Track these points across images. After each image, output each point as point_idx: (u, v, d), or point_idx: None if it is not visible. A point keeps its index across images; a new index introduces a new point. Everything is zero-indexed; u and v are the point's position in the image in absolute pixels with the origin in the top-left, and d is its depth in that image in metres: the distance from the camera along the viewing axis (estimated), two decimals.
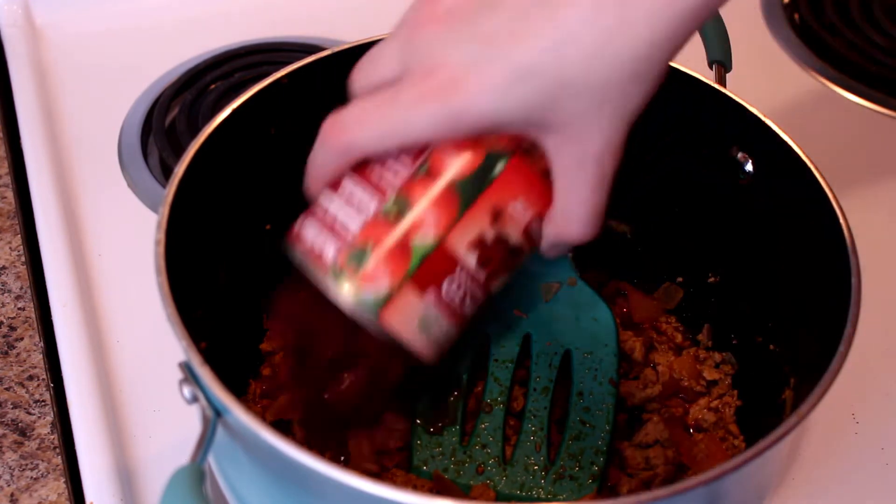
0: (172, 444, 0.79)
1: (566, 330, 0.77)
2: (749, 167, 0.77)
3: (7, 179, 1.00)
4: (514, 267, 0.62)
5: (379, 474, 0.73)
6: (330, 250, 0.58)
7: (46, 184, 0.97)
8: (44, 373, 0.83)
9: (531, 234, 0.61)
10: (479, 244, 0.58)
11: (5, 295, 0.89)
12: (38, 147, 1.01)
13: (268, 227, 0.82)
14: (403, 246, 0.57)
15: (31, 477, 0.77)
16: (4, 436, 0.79)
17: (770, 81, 1.13)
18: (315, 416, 0.72)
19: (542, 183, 0.59)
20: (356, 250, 0.57)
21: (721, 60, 0.82)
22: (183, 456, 0.57)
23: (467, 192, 0.57)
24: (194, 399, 0.59)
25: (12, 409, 0.81)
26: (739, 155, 0.77)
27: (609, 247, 0.90)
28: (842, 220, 0.68)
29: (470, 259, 0.58)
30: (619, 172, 0.86)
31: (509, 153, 0.57)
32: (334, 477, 0.53)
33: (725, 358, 0.82)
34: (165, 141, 1.02)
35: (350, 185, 0.60)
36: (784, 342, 0.75)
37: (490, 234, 0.58)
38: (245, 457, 0.61)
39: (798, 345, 0.72)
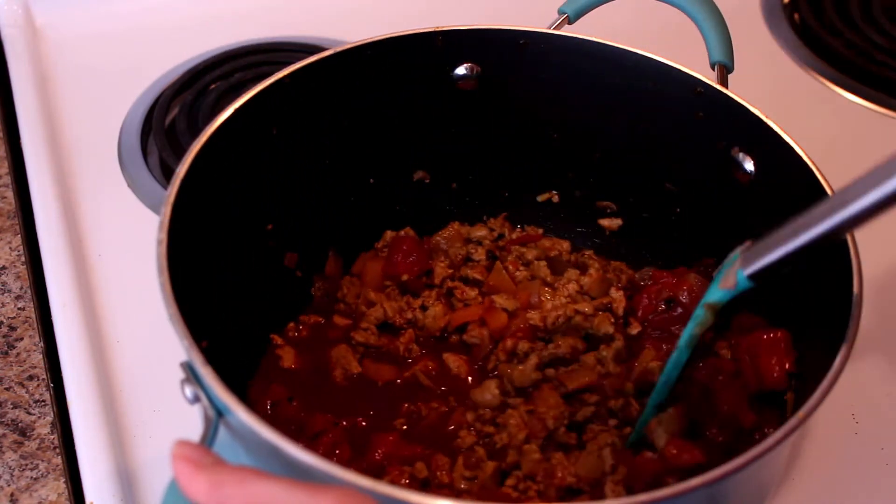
0: (172, 445, 0.79)
1: None
2: (750, 167, 0.77)
3: (7, 179, 1.00)
4: None
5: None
6: None
7: (46, 184, 0.97)
8: (44, 373, 0.83)
9: None
10: None
11: (5, 295, 0.89)
12: (38, 147, 1.01)
13: (269, 226, 0.82)
14: None
15: (31, 477, 0.77)
16: (4, 436, 0.79)
17: (771, 82, 1.13)
18: None
19: None
20: None
21: (723, 61, 0.82)
22: None
23: None
24: (196, 399, 0.59)
25: (12, 409, 0.81)
26: (740, 155, 0.77)
27: (609, 246, 0.90)
28: None
29: None
30: (623, 172, 0.87)
31: None
32: (336, 476, 0.53)
33: None
34: (165, 141, 1.02)
35: None
36: None
37: None
38: (247, 457, 0.61)
39: (800, 346, 0.72)
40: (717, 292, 0.69)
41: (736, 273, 0.67)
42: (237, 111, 0.74)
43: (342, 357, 0.81)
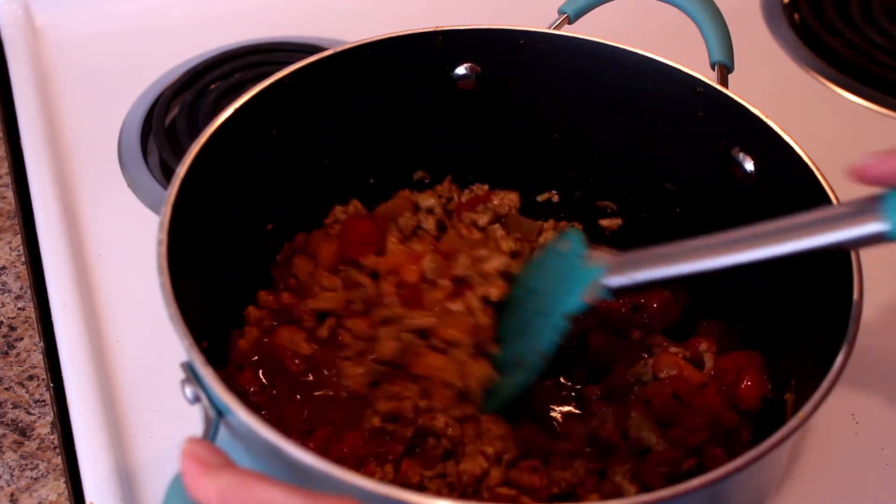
0: (172, 445, 0.78)
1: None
2: (750, 167, 0.77)
3: (7, 179, 1.00)
4: None
5: None
6: None
7: (46, 184, 0.97)
8: (44, 373, 0.83)
9: None
10: None
11: (5, 295, 0.89)
12: (38, 147, 1.01)
13: (269, 226, 0.82)
14: None
15: (31, 477, 0.77)
16: (4, 436, 0.79)
17: (771, 82, 1.13)
18: None
19: None
20: None
21: (723, 61, 0.82)
22: None
23: None
24: (196, 399, 0.59)
25: (12, 409, 0.81)
26: (740, 154, 0.77)
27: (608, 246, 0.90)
28: None
29: None
30: (623, 172, 0.87)
31: None
32: (336, 476, 0.53)
33: None
34: (165, 141, 1.02)
35: None
36: (785, 343, 0.75)
37: None
38: (247, 457, 0.61)
39: (799, 346, 0.72)
40: (578, 303, 0.71)
41: (599, 287, 0.70)
42: (237, 111, 0.74)
43: (289, 341, 0.78)
